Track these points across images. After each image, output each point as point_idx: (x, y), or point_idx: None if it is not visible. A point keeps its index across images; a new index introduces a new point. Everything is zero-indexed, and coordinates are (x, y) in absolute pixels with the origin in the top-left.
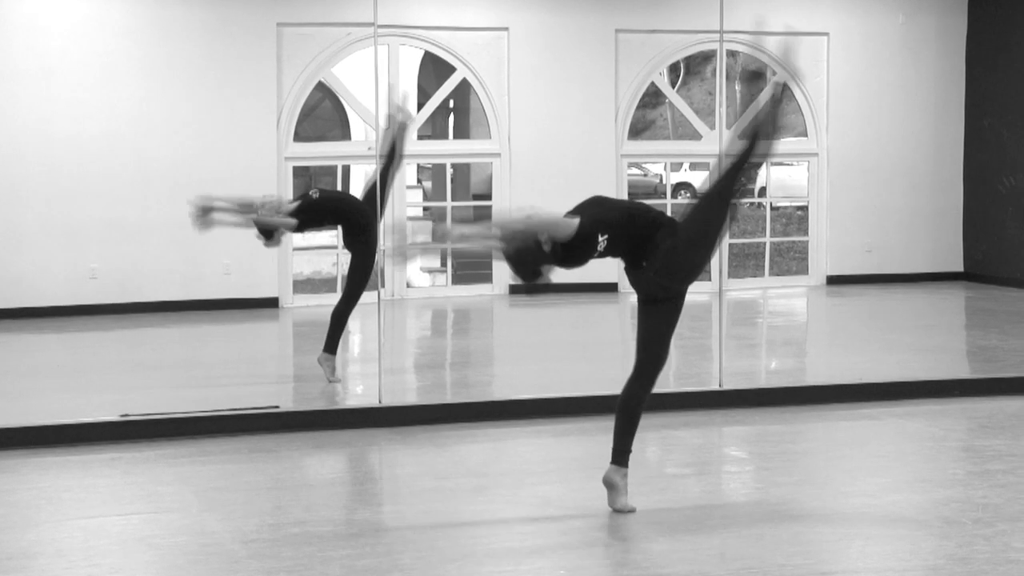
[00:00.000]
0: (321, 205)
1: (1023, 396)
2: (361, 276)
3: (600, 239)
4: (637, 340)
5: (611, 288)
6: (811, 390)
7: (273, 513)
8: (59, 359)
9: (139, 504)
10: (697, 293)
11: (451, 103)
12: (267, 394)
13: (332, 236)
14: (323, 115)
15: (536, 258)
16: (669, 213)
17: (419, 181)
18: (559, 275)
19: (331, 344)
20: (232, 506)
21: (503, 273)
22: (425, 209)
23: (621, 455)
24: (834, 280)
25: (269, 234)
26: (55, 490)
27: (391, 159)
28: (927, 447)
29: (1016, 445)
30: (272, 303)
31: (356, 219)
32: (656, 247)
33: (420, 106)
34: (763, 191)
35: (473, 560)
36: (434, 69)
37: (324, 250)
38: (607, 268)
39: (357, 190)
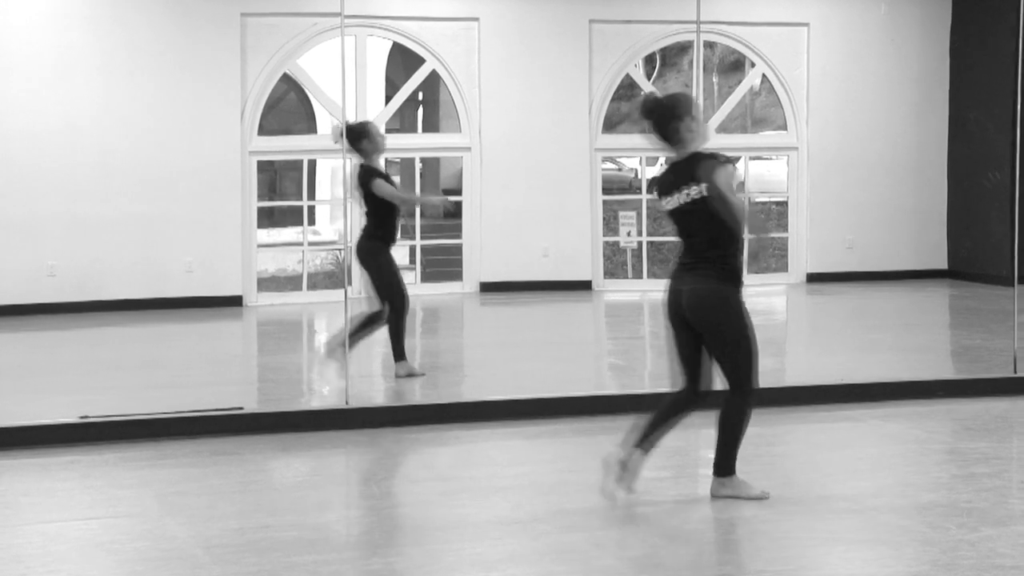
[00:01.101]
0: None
1: (1008, 397)
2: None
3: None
4: (677, 358)
5: (585, 286)
6: (790, 391)
7: (237, 518)
8: (16, 359)
9: (98, 508)
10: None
11: (420, 96)
12: (231, 395)
13: (297, 233)
14: (289, 108)
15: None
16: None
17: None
18: (530, 272)
19: (399, 353)
20: (194, 510)
21: (473, 270)
22: None
23: (717, 467)
24: (814, 278)
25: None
26: (12, 494)
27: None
28: (910, 450)
29: (1001, 448)
30: (236, 301)
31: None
32: (705, 267)
33: (388, 98)
34: (741, 186)
35: (442, 566)
36: (402, 61)
37: (289, 247)
38: (580, 266)
39: (323, 185)
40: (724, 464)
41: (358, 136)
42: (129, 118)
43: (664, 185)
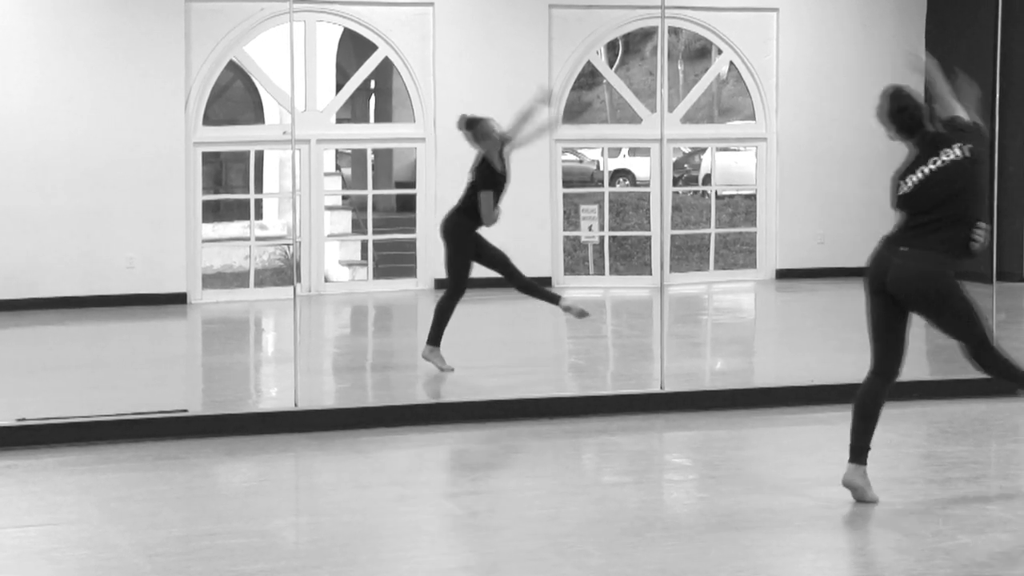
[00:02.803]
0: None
1: (986, 399)
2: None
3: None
4: (874, 334)
5: (545, 283)
6: (759, 392)
7: (181, 525)
8: None
9: (37, 515)
10: (636, 288)
11: (372, 84)
12: (174, 397)
13: (244, 227)
14: (235, 97)
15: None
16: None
17: (338, 168)
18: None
19: (435, 336)
20: (137, 517)
21: (428, 267)
22: (344, 198)
23: (860, 453)
24: (784, 274)
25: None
26: None
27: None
28: (884, 454)
29: (979, 452)
30: (180, 299)
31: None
32: (926, 247)
33: (339, 87)
34: (708, 179)
35: (396, 575)
36: (354, 47)
37: (235, 242)
38: (540, 262)
39: (271, 178)
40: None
41: (486, 133)
42: (67, 107)
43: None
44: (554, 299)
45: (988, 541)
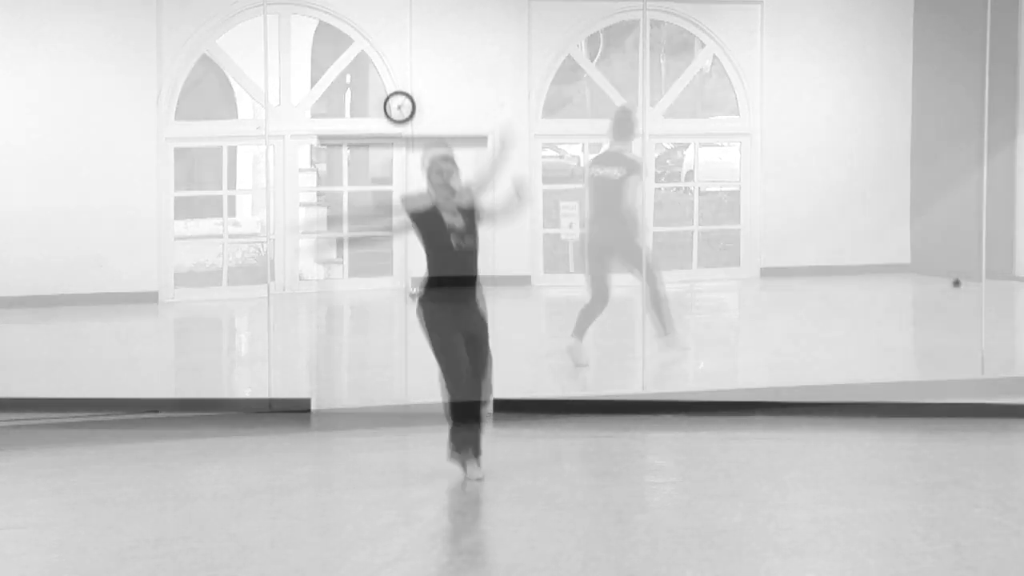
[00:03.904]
0: None
1: (975, 400)
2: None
3: None
4: None
5: (524, 281)
6: (743, 393)
7: (152, 528)
8: None
9: (5, 518)
10: (617, 287)
11: (348, 79)
12: (146, 397)
13: (217, 224)
14: (207, 91)
15: None
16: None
17: (313, 164)
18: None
19: (580, 332)
20: (108, 521)
21: (404, 265)
22: (319, 195)
23: None
24: (769, 272)
25: None
26: None
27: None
28: (871, 455)
29: (968, 454)
30: (151, 297)
31: None
32: None
33: (313, 81)
34: (690, 175)
35: None
36: (329, 41)
37: (208, 239)
38: (518, 259)
39: (244, 174)
40: None
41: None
42: (34, 102)
43: None
44: (580, 333)
45: (977, 544)
